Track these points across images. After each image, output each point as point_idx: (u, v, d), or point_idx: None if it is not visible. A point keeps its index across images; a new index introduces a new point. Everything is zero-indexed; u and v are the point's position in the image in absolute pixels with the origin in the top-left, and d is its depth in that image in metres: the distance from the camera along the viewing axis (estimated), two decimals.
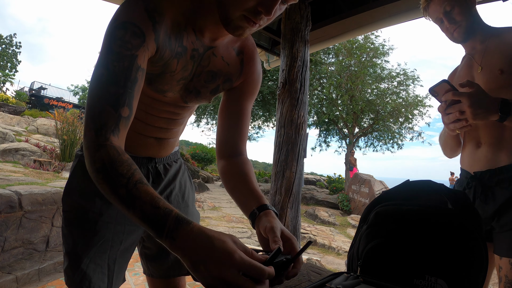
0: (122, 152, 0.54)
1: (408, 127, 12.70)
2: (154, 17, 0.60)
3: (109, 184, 0.50)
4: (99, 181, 0.52)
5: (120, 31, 0.57)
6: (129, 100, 0.57)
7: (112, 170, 0.50)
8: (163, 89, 0.72)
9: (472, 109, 0.81)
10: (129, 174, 0.50)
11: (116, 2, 2.22)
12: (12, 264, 2.25)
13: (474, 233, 0.52)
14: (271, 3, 0.56)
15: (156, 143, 0.85)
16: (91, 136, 0.54)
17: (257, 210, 0.66)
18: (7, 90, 20.30)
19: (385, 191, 0.66)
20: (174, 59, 0.67)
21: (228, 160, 0.78)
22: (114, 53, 0.57)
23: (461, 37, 1.03)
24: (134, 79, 0.58)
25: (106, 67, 0.56)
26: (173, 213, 0.47)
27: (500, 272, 0.92)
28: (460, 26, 1.01)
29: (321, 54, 12.17)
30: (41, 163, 4.89)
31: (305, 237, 4.62)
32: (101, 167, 0.51)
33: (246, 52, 0.78)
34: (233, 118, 0.79)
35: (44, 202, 2.57)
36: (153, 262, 0.92)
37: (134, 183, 0.49)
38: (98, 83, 0.56)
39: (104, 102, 0.55)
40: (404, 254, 0.53)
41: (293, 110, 2.29)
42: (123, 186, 0.49)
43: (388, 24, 2.34)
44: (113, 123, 0.55)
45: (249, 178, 0.73)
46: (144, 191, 0.49)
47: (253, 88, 0.82)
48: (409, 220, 0.56)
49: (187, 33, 0.67)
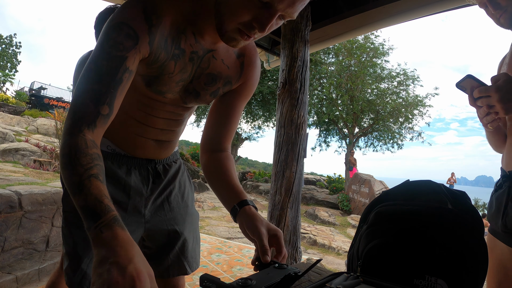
0: (92, 145, 0.55)
1: (408, 127, 12.69)
2: (151, 20, 0.61)
3: (69, 170, 0.52)
4: (62, 165, 0.54)
5: (114, 31, 0.59)
6: (110, 99, 0.59)
7: (75, 158, 0.52)
8: (162, 90, 0.73)
9: (501, 104, 0.73)
10: (88, 166, 0.52)
11: (116, 2, 2.22)
12: (12, 264, 2.25)
13: (474, 233, 0.52)
14: (266, 20, 0.57)
15: (156, 145, 0.85)
16: (68, 124, 0.56)
17: (237, 206, 0.69)
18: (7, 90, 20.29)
19: (385, 191, 0.66)
20: (171, 61, 0.67)
21: (211, 155, 0.80)
22: (105, 52, 0.58)
23: (508, 22, 0.92)
24: (119, 80, 0.60)
25: (96, 64, 0.58)
26: (114, 213, 0.48)
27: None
28: (506, 11, 0.91)
29: (321, 54, 12.16)
30: (41, 163, 4.89)
31: (305, 237, 4.62)
32: (67, 153, 0.53)
33: (246, 55, 0.79)
34: (224, 116, 0.81)
35: (44, 202, 2.57)
36: (153, 261, 0.92)
37: (89, 175, 0.51)
38: (85, 77, 0.59)
39: (87, 97, 0.57)
40: (404, 254, 0.53)
41: (293, 110, 2.29)
42: (78, 174, 0.51)
43: (388, 24, 2.34)
44: (90, 118, 0.57)
45: (230, 173, 0.76)
46: (96, 186, 0.50)
47: (249, 90, 0.83)
48: (409, 220, 0.56)
49: (185, 35, 0.67)
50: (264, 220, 0.66)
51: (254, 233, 0.62)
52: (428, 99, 12.45)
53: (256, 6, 0.56)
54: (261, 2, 0.56)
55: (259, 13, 0.57)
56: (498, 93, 0.73)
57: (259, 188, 9.93)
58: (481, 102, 0.78)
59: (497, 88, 0.74)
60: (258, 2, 0.56)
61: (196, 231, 0.98)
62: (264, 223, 0.65)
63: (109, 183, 0.69)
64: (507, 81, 0.74)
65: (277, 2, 0.55)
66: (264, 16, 0.57)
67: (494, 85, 0.75)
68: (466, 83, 0.81)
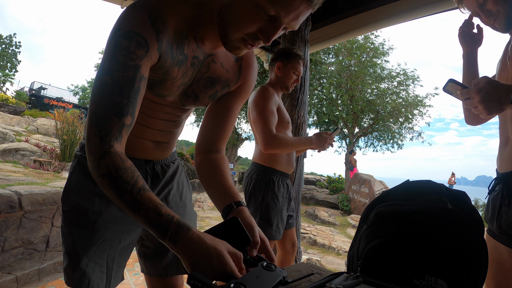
0: (125, 158, 0.58)
1: (408, 127, 12.68)
2: (157, 26, 0.61)
3: (114, 189, 0.55)
4: (104, 186, 0.56)
5: (125, 40, 0.58)
6: (132, 109, 0.60)
7: (117, 177, 0.55)
8: (163, 94, 0.73)
9: (483, 104, 0.76)
10: (133, 181, 0.55)
11: (116, 2, 2.22)
12: (12, 264, 2.25)
13: (474, 233, 0.52)
14: (272, 32, 0.59)
15: (154, 147, 0.86)
16: (96, 142, 0.57)
17: (234, 204, 0.69)
18: (7, 90, 20.30)
19: (385, 191, 0.66)
20: (175, 66, 0.67)
21: (206, 156, 0.80)
22: (119, 63, 0.58)
23: (503, 27, 0.94)
24: (137, 88, 0.60)
25: (111, 76, 0.58)
26: (175, 219, 0.53)
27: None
28: (498, 16, 0.93)
29: (321, 54, 12.15)
30: (41, 163, 4.89)
31: (305, 237, 4.62)
32: (107, 173, 0.55)
33: (244, 58, 0.80)
34: (220, 117, 0.81)
35: (44, 202, 2.57)
36: (151, 260, 0.92)
37: (138, 190, 0.54)
38: (102, 91, 0.59)
39: (109, 111, 0.58)
40: (404, 254, 0.53)
41: (293, 110, 2.29)
42: (128, 192, 0.54)
43: (388, 24, 2.34)
44: (116, 131, 0.58)
45: (224, 174, 0.76)
46: (148, 197, 0.54)
47: (246, 92, 0.83)
48: (409, 220, 0.56)
49: (188, 41, 0.67)
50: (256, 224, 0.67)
51: (247, 227, 0.62)
52: (428, 99, 12.46)
53: (263, 19, 0.58)
54: (267, 15, 0.57)
55: (265, 25, 0.58)
56: (478, 95, 0.77)
57: None
58: (465, 104, 0.82)
59: (478, 90, 0.77)
60: (265, 15, 0.57)
61: None
62: (257, 227, 0.66)
63: None
64: (486, 82, 0.77)
65: (283, 16, 0.56)
66: (270, 28, 0.58)
67: (476, 88, 0.78)
68: (450, 86, 0.87)
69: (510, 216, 0.87)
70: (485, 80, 0.78)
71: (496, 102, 0.75)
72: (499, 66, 1.00)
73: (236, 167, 14.76)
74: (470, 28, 1.08)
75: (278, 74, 1.70)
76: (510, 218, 0.87)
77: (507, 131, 0.94)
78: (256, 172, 1.66)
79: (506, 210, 0.88)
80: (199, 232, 0.53)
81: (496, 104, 0.76)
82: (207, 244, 0.51)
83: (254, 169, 1.68)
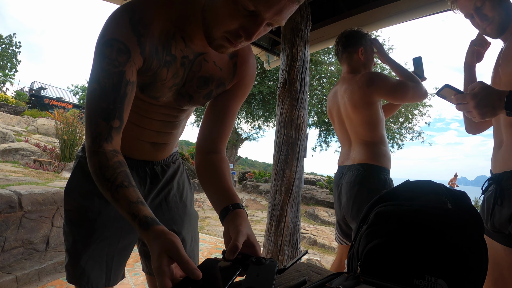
0: (112, 156, 0.61)
1: (408, 127, 12.69)
2: (138, 30, 0.61)
3: (100, 186, 0.60)
4: (95, 182, 0.61)
5: (107, 48, 0.60)
6: (119, 113, 0.63)
7: (101, 174, 0.59)
8: (155, 95, 0.73)
9: (477, 110, 0.79)
10: (113, 178, 0.58)
11: (116, 2, 2.22)
12: (12, 264, 2.25)
13: (474, 233, 0.52)
14: (252, 29, 0.56)
15: (153, 148, 0.86)
16: (89, 143, 0.62)
17: (231, 206, 0.65)
18: (7, 90, 20.30)
19: (385, 191, 0.66)
20: (164, 68, 0.67)
21: (205, 157, 0.78)
22: (104, 70, 0.61)
23: (495, 33, 0.97)
24: (124, 94, 0.63)
25: (98, 83, 0.62)
26: (140, 216, 0.55)
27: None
28: (492, 22, 0.95)
29: (321, 54, 12.16)
30: (41, 163, 4.89)
31: (305, 237, 4.62)
32: (94, 171, 0.61)
33: (240, 55, 0.77)
34: (218, 117, 0.79)
35: (44, 202, 2.57)
36: (150, 260, 0.92)
37: (115, 187, 0.58)
38: (92, 97, 0.63)
39: (97, 116, 0.62)
40: (404, 254, 0.53)
41: (293, 110, 2.29)
42: (108, 189, 0.58)
43: (388, 24, 2.34)
44: (105, 133, 0.62)
45: (224, 175, 0.74)
46: (122, 194, 0.57)
47: (243, 91, 0.81)
48: (409, 220, 0.56)
49: (175, 41, 0.67)
50: (251, 229, 0.62)
51: (234, 231, 0.58)
52: (428, 99, 12.46)
53: (243, 15, 0.54)
54: (247, 11, 0.53)
55: (246, 22, 0.55)
56: (473, 100, 0.79)
57: (259, 188, 9.93)
58: (459, 108, 0.84)
59: (473, 96, 0.80)
60: (244, 10, 0.53)
61: (195, 231, 0.97)
62: (249, 229, 0.61)
63: None
64: (481, 88, 0.80)
65: (263, 11, 0.52)
66: (250, 25, 0.55)
67: (471, 93, 0.81)
68: (445, 92, 0.89)
69: (503, 215, 0.90)
70: (480, 86, 0.80)
71: (490, 108, 0.78)
72: (492, 73, 1.03)
73: (236, 167, 14.77)
74: (483, 45, 1.13)
75: (362, 60, 1.62)
76: (503, 217, 0.90)
77: (501, 135, 0.97)
78: (375, 175, 1.44)
79: (499, 209, 0.91)
80: (163, 228, 0.54)
81: (490, 110, 0.78)
82: (158, 245, 0.51)
83: (371, 172, 1.44)
